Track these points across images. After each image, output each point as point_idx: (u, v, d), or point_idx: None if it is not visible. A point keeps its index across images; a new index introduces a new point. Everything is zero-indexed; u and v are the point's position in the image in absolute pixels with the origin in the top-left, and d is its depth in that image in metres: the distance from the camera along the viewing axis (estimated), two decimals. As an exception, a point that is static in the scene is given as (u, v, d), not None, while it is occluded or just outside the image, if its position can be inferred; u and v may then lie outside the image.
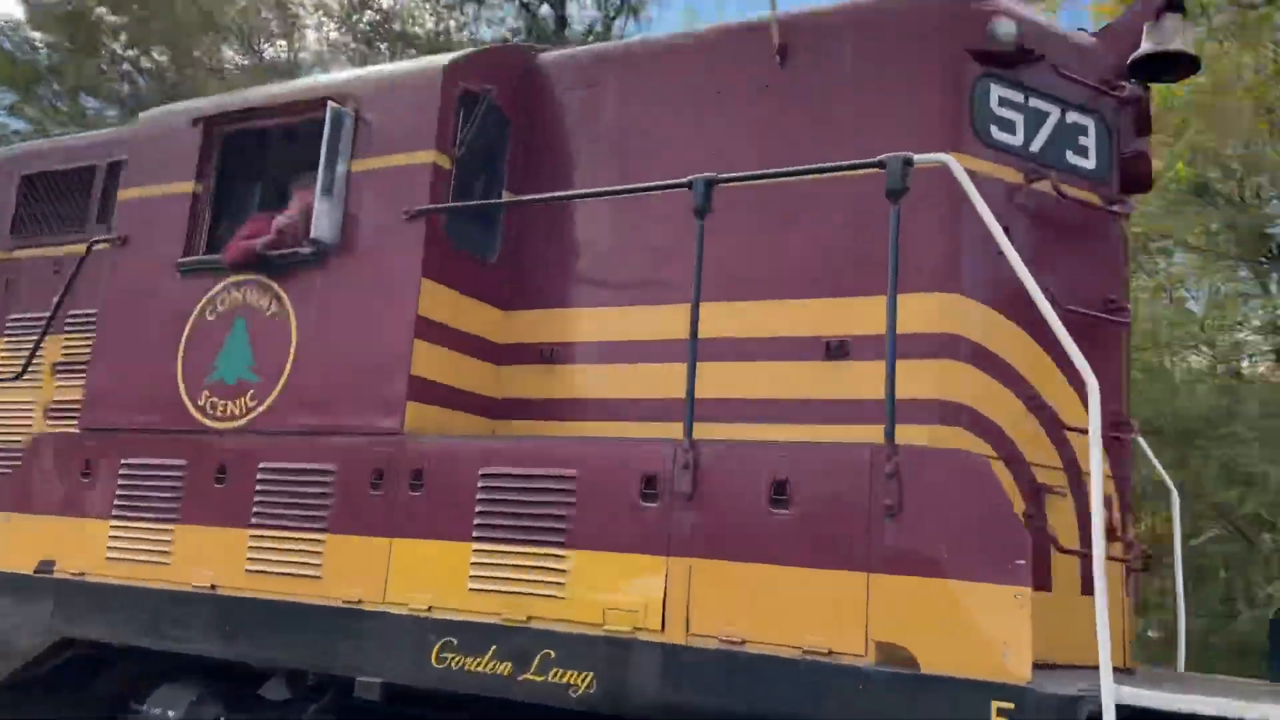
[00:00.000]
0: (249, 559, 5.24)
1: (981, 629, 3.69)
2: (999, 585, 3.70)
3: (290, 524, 5.16)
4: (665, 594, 4.23)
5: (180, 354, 5.77)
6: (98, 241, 6.33)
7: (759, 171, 4.69)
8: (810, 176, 4.81)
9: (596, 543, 4.42)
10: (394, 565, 4.86)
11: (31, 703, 6.10)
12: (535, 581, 4.50)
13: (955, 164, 4.13)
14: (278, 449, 5.31)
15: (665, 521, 4.29)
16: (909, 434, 4.50)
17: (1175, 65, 5.24)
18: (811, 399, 4.84)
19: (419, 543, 4.83)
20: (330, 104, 5.45)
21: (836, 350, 4.81)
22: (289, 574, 5.11)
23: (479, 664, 4.52)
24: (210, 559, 5.35)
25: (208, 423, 5.59)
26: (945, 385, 4.61)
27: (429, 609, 4.70)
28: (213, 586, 5.30)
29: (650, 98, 5.56)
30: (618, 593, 4.33)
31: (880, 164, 4.17)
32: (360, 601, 4.89)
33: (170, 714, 5.32)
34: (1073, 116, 5.10)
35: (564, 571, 4.45)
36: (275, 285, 5.58)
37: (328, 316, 5.37)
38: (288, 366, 5.42)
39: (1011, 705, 3.56)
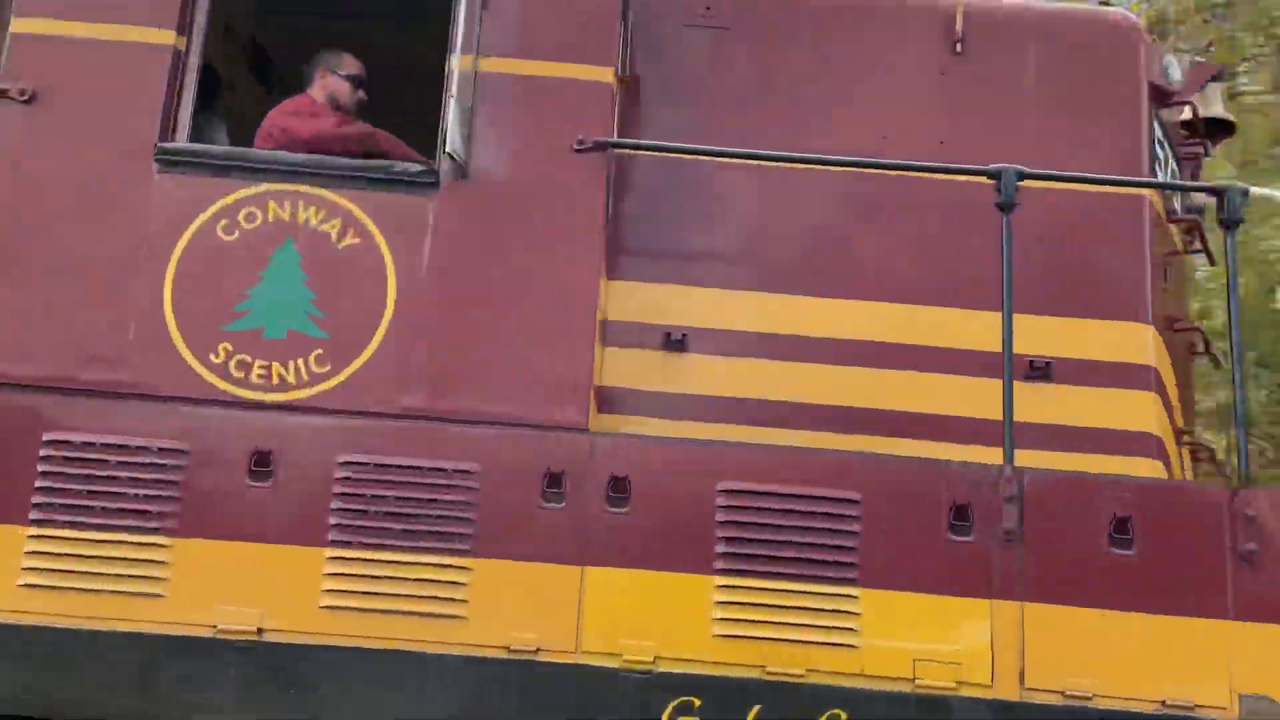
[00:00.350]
0: (328, 590, 3.69)
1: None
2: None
3: (404, 543, 3.72)
4: (993, 642, 3.69)
5: (169, 281, 3.91)
6: (-34, 90, 4.07)
7: (1071, 174, 4.27)
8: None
9: (895, 581, 3.73)
10: (590, 602, 3.70)
11: None
12: (815, 626, 3.69)
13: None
14: (375, 437, 3.80)
15: (985, 558, 3.74)
16: (1115, 466, 4.40)
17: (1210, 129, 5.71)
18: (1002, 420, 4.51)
19: (629, 573, 3.73)
20: (472, -27, 4.02)
21: (1041, 371, 4.54)
22: (406, 612, 3.68)
23: (737, 730, 3.61)
24: (251, 591, 3.69)
25: (232, 390, 3.84)
26: (1149, 418, 4.55)
27: (654, 660, 3.65)
28: (259, 631, 3.65)
29: (799, 58, 4.82)
30: (927, 641, 3.70)
31: (1218, 190, 4.00)
32: (538, 650, 3.66)
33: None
34: (1172, 163, 5.32)
35: (855, 614, 3.70)
36: (350, 205, 3.98)
37: (449, 263, 3.95)
38: (384, 322, 3.90)
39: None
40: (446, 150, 3.90)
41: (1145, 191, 4.66)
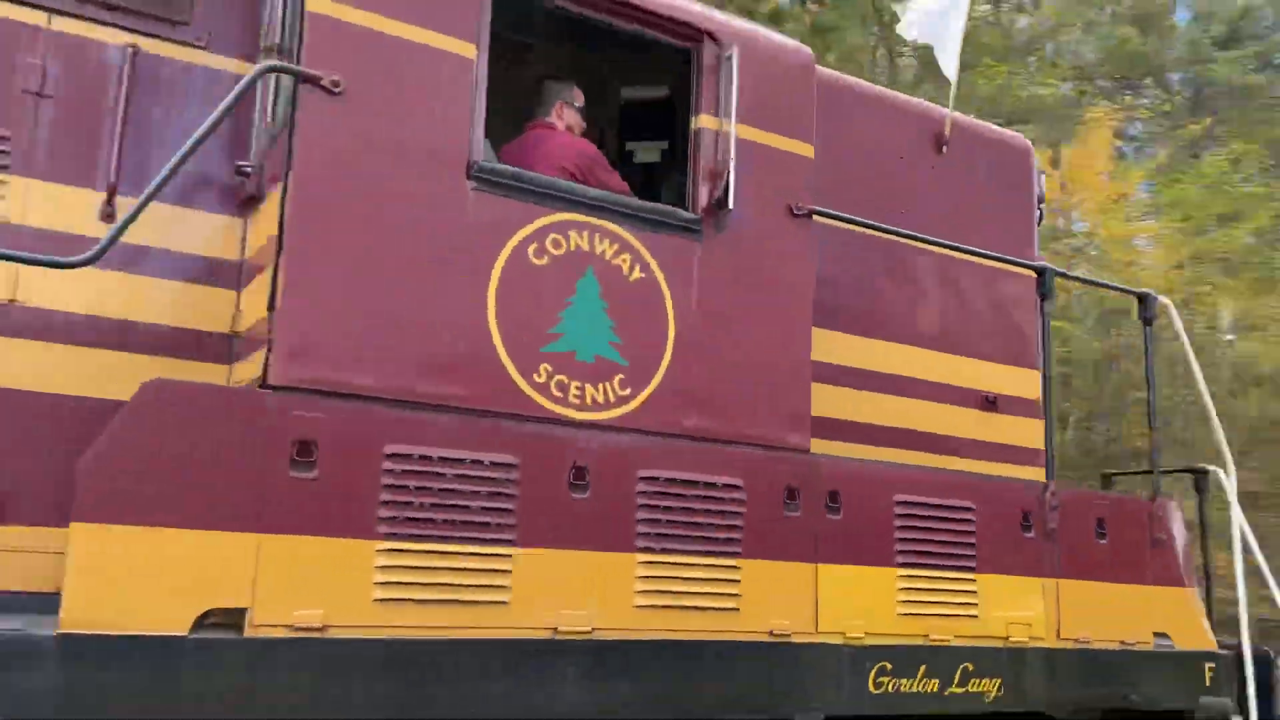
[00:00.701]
0: (639, 591, 4.17)
1: (1195, 617, 5.78)
2: (1195, 589, 5.85)
3: (692, 547, 4.30)
4: (1044, 608, 5.23)
5: (491, 300, 4.01)
6: (276, 69, 3.71)
7: (1075, 274, 5.82)
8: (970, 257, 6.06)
9: (994, 567, 5.11)
10: (822, 593, 4.60)
11: None
12: (955, 604, 4.94)
13: (1171, 306, 6.07)
14: (666, 454, 4.29)
15: (1038, 548, 5.26)
16: (1023, 474, 6.20)
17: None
18: (969, 439, 6.08)
19: (844, 568, 4.68)
20: (729, 44, 4.55)
21: (991, 403, 6.15)
22: (696, 607, 4.28)
23: (912, 685, 4.76)
24: (579, 593, 4.04)
25: (555, 409, 4.08)
26: (1038, 439, 6.37)
27: (864, 635, 4.66)
28: (592, 630, 4.03)
29: (846, 137, 5.87)
30: (1013, 609, 5.13)
31: (1141, 295, 5.86)
32: (790, 634, 4.48)
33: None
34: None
35: (975, 593, 5.02)
36: (636, 242, 4.36)
37: (710, 302, 4.51)
38: (667, 353, 4.37)
39: (1214, 665, 5.75)
40: (729, 205, 4.46)
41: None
